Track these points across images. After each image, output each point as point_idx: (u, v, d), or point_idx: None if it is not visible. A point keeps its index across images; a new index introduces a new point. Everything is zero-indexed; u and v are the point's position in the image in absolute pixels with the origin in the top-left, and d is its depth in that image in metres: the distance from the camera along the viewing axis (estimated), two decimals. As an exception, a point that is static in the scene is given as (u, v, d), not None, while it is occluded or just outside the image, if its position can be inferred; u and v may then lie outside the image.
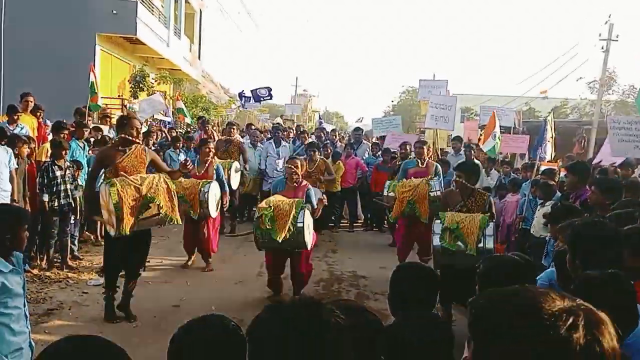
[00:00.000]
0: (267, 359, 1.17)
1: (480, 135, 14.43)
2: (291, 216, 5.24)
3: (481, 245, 4.85)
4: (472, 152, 9.38)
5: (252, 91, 17.75)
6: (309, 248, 5.62)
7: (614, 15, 58.21)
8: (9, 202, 5.43)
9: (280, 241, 5.22)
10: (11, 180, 5.59)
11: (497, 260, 2.46)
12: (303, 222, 5.28)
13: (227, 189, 7.14)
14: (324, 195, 6.82)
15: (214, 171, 6.85)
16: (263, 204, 5.52)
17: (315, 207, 5.78)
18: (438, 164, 7.34)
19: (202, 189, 6.35)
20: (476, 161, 9.17)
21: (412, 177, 6.78)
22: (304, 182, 5.96)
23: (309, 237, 5.52)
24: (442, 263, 5.20)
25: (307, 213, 5.44)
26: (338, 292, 6.26)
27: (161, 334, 4.50)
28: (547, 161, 8.18)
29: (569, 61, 28.28)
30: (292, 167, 5.73)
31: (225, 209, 7.31)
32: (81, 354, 1.24)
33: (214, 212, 6.58)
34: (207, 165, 6.82)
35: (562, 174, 7.13)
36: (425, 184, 6.43)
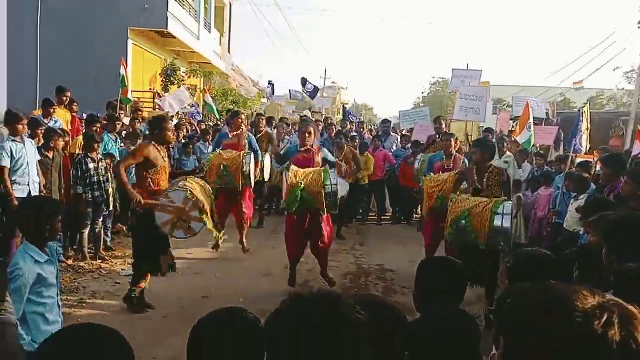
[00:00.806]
0: (283, 352, 1.16)
1: (513, 127, 14.17)
2: (321, 182, 5.44)
3: (498, 224, 4.75)
4: (505, 144, 9.17)
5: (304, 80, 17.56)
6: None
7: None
8: (38, 192, 5.59)
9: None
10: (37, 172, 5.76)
11: (528, 255, 2.40)
12: (337, 184, 5.52)
13: (260, 157, 7.30)
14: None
15: (247, 141, 7.07)
16: (292, 178, 5.52)
17: (335, 161, 6.14)
18: (466, 158, 7.16)
19: (244, 161, 6.58)
20: (508, 153, 9.05)
21: (440, 172, 6.63)
22: (316, 146, 6.13)
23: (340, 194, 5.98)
24: (453, 246, 5.26)
25: (334, 174, 5.64)
26: (365, 286, 6.24)
27: (190, 324, 4.58)
28: (584, 154, 7.95)
29: (605, 50, 27.48)
30: (305, 130, 5.94)
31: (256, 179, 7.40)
32: (81, 341, 1.24)
33: (253, 181, 6.88)
34: (239, 136, 7.04)
35: (599, 167, 6.93)
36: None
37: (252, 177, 6.77)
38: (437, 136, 9.08)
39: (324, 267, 6.07)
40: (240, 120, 7.17)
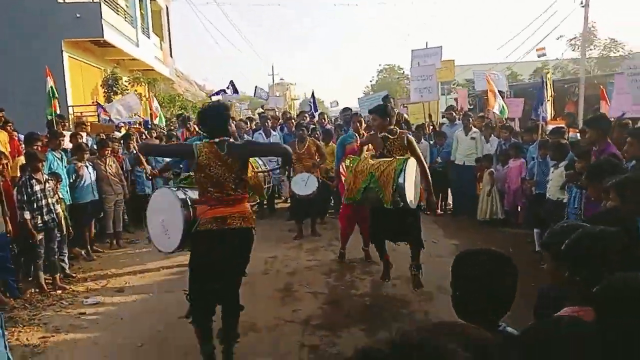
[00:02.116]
0: None
1: (470, 104, 14.18)
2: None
3: (400, 181, 4.67)
4: (470, 119, 9.04)
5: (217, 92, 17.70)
6: None
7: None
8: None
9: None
10: None
11: (589, 235, 1.98)
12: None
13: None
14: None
15: None
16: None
17: None
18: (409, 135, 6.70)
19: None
20: (474, 129, 8.88)
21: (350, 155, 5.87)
22: None
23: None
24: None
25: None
26: (351, 282, 5.90)
27: (168, 353, 4.14)
28: (549, 120, 7.87)
29: (547, 20, 28.08)
30: None
31: None
32: None
33: None
34: None
35: (571, 134, 6.84)
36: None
37: None
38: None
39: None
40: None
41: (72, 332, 4.70)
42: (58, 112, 9.64)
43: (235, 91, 15.17)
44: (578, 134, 6.86)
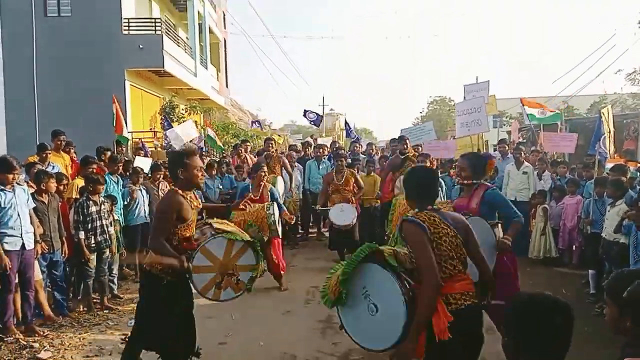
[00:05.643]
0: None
1: (521, 138, 13.81)
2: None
3: None
4: (521, 153, 8.80)
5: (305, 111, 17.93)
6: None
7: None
8: (32, 243, 5.15)
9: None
10: (31, 220, 5.24)
11: None
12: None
13: (284, 208, 7.22)
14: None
15: (269, 193, 6.97)
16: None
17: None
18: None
19: (268, 212, 6.38)
20: (526, 163, 8.62)
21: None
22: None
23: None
24: None
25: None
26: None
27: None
28: (610, 158, 7.52)
29: (606, 54, 27.35)
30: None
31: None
32: None
33: (280, 231, 6.67)
34: (261, 188, 6.95)
35: (632, 168, 6.52)
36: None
37: (279, 227, 6.55)
38: (402, 156, 8.58)
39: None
40: (263, 174, 7.01)
41: (115, 353, 4.78)
42: (125, 134, 10.08)
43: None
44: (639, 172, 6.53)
